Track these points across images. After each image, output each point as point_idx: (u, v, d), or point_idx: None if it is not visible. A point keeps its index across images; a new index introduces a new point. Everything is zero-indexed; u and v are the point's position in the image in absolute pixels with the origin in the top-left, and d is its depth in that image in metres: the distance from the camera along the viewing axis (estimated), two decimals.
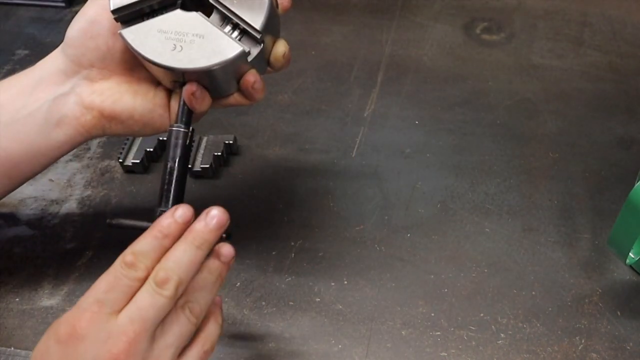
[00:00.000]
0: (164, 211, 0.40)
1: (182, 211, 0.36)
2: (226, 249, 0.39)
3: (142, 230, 0.39)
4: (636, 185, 0.42)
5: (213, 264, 0.38)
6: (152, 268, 0.36)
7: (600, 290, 0.50)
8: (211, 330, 0.39)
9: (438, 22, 0.79)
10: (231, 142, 0.61)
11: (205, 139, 0.61)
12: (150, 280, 0.35)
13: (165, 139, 0.60)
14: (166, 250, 0.36)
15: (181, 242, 0.36)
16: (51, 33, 0.79)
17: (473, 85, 0.70)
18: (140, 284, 0.35)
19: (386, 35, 0.77)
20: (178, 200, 0.42)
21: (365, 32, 0.78)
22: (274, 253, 0.53)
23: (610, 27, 0.78)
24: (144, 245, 0.36)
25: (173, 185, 0.42)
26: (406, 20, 0.80)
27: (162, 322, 0.35)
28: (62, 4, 0.83)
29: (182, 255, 0.36)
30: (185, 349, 0.37)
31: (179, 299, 0.36)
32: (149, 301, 0.34)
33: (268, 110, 0.67)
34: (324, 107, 0.67)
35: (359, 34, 0.78)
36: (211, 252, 0.38)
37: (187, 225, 0.36)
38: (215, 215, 0.37)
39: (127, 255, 0.35)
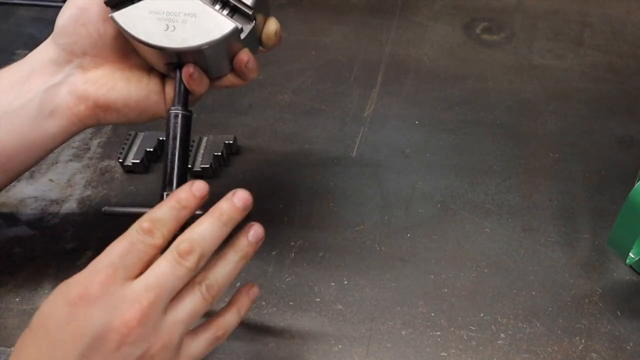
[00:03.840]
0: (169, 194, 0.40)
1: (199, 185, 0.36)
2: (256, 228, 0.38)
3: (139, 216, 0.40)
4: (636, 185, 0.42)
5: (240, 242, 0.37)
6: (168, 237, 0.35)
7: (600, 290, 0.50)
8: (229, 318, 0.38)
9: (438, 22, 0.79)
10: (231, 142, 0.61)
11: (205, 139, 0.61)
12: (172, 250, 0.34)
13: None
14: (183, 221, 0.36)
15: (207, 216, 0.36)
16: (51, 33, 0.79)
17: (473, 85, 0.70)
18: (155, 252, 0.35)
19: (386, 35, 0.77)
20: (182, 182, 0.42)
21: (365, 32, 0.78)
22: (274, 253, 0.53)
23: (610, 27, 0.78)
24: (161, 213, 0.35)
25: (176, 169, 0.42)
26: (406, 20, 0.80)
27: (177, 295, 0.35)
28: (62, 4, 0.83)
29: (208, 229, 0.35)
30: (198, 328, 0.37)
31: (197, 275, 0.35)
32: (168, 270, 0.34)
33: (268, 110, 0.67)
34: (324, 107, 0.67)
35: (359, 34, 0.78)
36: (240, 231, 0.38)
37: (203, 199, 0.36)
38: (242, 197, 0.37)
39: (145, 221, 0.35)
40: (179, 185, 0.41)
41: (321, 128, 0.65)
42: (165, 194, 0.41)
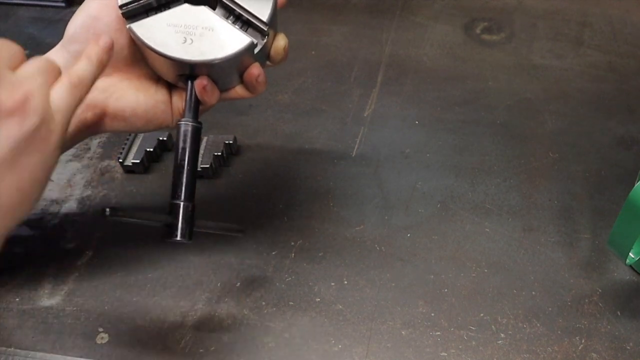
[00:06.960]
0: (177, 203, 0.42)
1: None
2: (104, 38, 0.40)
3: (144, 225, 0.40)
4: (636, 185, 0.42)
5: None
6: None
7: (600, 290, 0.50)
8: (81, 66, 0.38)
9: (438, 22, 0.79)
10: (231, 142, 0.61)
11: (205, 139, 0.61)
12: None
13: (165, 139, 0.61)
14: None
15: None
16: (51, 33, 0.79)
17: (473, 85, 0.70)
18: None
19: (386, 35, 0.77)
20: (190, 192, 0.42)
21: (365, 32, 0.78)
22: (274, 253, 0.53)
23: (610, 27, 0.78)
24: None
25: (184, 179, 0.42)
26: (406, 20, 0.80)
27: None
28: (62, 4, 0.83)
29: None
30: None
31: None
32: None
33: (268, 110, 0.67)
34: (324, 107, 0.67)
35: (359, 34, 0.78)
36: None
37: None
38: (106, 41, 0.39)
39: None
40: (187, 196, 0.42)
41: (321, 128, 0.65)
42: (173, 202, 0.42)
